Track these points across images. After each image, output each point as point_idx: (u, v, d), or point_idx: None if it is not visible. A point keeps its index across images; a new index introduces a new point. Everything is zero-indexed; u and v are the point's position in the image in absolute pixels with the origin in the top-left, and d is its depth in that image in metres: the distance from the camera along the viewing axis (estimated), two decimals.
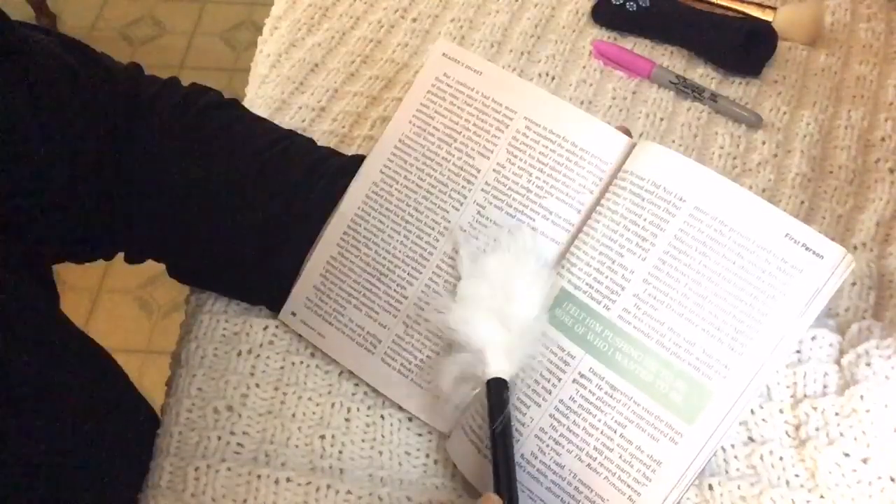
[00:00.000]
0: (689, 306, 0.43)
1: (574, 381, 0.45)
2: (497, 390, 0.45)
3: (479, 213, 0.49)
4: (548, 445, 0.45)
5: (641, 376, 0.43)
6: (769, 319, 0.42)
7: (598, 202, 0.47)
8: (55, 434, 0.43)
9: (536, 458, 0.45)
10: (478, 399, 0.47)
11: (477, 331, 0.45)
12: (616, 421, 0.44)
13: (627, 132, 0.49)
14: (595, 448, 0.44)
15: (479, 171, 0.50)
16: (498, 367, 0.45)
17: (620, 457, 0.43)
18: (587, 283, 0.46)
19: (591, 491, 0.44)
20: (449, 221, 0.50)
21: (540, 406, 0.46)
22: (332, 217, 0.53)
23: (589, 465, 0.44)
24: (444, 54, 0.52)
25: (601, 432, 0.44)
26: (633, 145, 0.47)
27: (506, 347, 0.45)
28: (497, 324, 0.45)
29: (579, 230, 0.47)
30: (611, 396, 0.44)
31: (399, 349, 0.51)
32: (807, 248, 0.42)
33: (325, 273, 0.52)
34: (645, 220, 0.45)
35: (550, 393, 0.45)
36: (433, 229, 0.50)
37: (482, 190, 0.50)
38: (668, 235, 0.44)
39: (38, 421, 0.42)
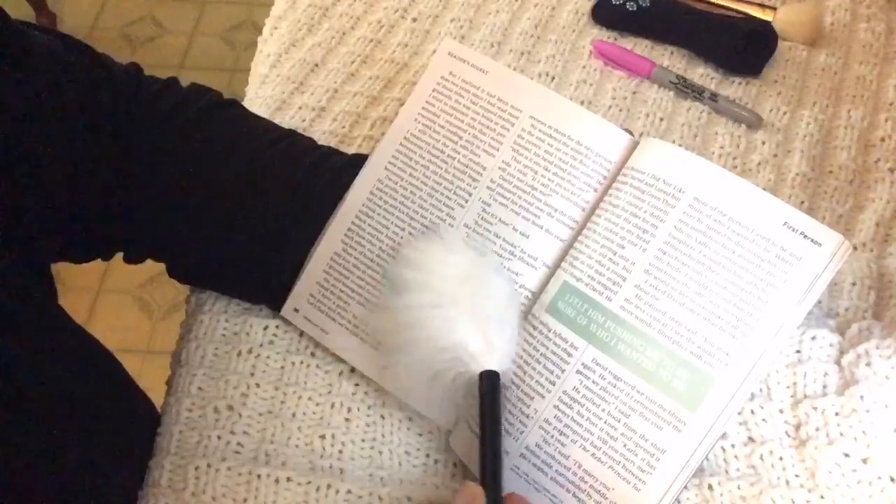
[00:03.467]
0: (689, 295, 0.43)
1: (577, 371, 0.45)
2: (489, 383, 0.45)
3: (483, 210, 0.50)
4: (552, 436, 0.45)
5: (644, 365, 0.44)
6: (769, 307, 0.42)
7: (601, 199, 0.48)
8: (55, 430, 0.43)
9: (541, 448, 0.46)
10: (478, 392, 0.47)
11: (455, 330, 0.45)
12: (620, 410, 0.44)
13: (629, 133, 0.49)
14: (599, 437, 0.44)
15: (484, 168, 0.50)
16: (484, 361, 0.45)
17: (625, 446, 0.44)
18: (589, 276, 0.46)
19: (596, 480, 0.44)
20: (454, 219, 0.50)
21: (544, 397, 0.46)
22: (337, 213, 0.53)
23: (593, 454, 0.44)
24: (449, 53, 0.52)
25: (605, 422, 0.44)
26: (636, 143, 0.48)
27: (485, 342, 0.45)
28: (469, 321, 0.45)
29: (583, 227, 0.48)
30: (614, 386, 0.44)
31: None
32: (805, 236, 0.42)
33: (329, 269, 0.53)
34: (645, 212, 0.45)
35: (554, 384, 0.46)
36: (437, 226, 0.50)
37: (487, 188, 0.50)
38: (667, 226, 0.44)
39: (37, 417, 0.42)
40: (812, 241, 0.42)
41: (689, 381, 0.43)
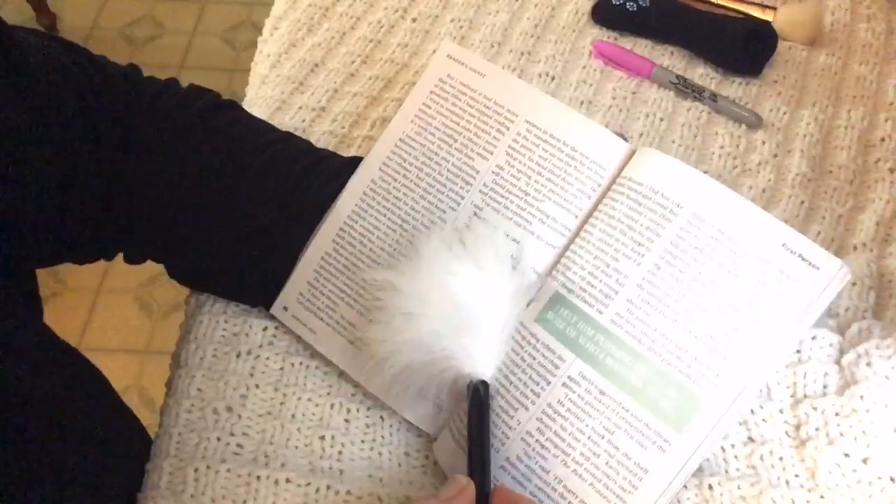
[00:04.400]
0: (682, 313, 0.43)
1: (563, 384, 0.44)
2: (478, 391, 0.45)
3: (475, 214, 0.49)
4: (533, 449, 0.45)
5: (632, 382, 0.43)
6: (762, 329, 0.41)
7: (595, 208, 0.47)
8: (45, 448, 0.43)
9: (521, 461, 0.45)
10: (465, 401, 0.46)
11: (449, 338, 0.45)
12: (604, 427, 0.43)
13: (623, 137, 0.49)
14: (581, 454, 0.44)
15: (477, 172, 0.50)
16: (477, 369, 0.45)
17: (607, 463, 0.43)
18: (581, 287, 0.45)
19: (576, 497, 0.43)
20: (445, 222, 0.50)
21: (528, 409, 0.45)
22: (329, 213, 0.53)
23: (575, 470, 0.44)
24: (448, 56, 0.52)
25: (588, 438, 0.44)
26: (633, 152, 0.47)
27: (481, 350, 0.45)
28: (468, 328, 0.45)
29: (576, 235, 0.47)
30: (600, 401, 0.44)
31: None
32: (803, 259, 0.41)
33: (319, 269, 0.52)
34: (641, 224, 0.45)
35: (539, 396, 0.45)
36: (429, 229, 0.50)
37: (480, 191, 0.50)
38: (664, 241, 0.44)
39: (26, 435, 0.42)
40: (810, 263, 0.41)
41: (676, 401, 0.42)
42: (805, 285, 0.41)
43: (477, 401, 0.45)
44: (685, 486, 0.45)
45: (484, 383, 0.45)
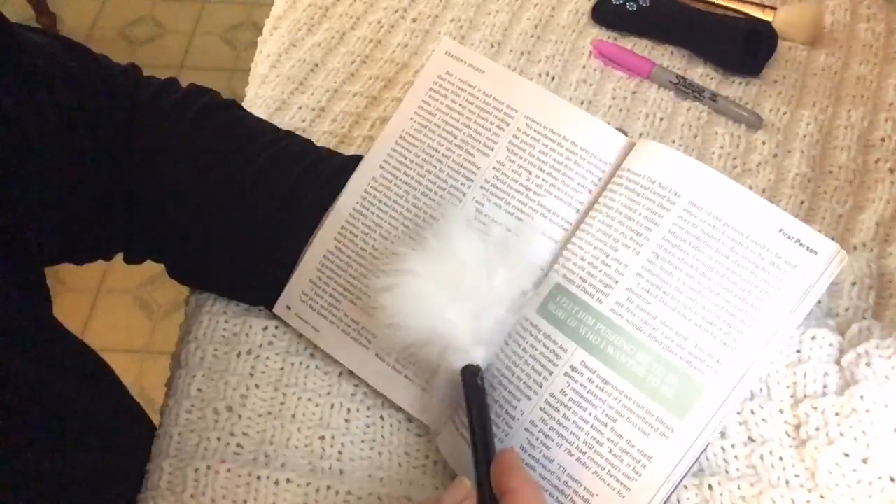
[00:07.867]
0: (681, 300, 0.43)
1: (565, 374, 0.45)
2: (471, 377, 0.44)
3: (477, 210, 0.50)
4: (537, 439, 0.45)
5: (633, 370, 0.43)
6: (762, 314, 0.42)
7: (595, 200, 0.47)
8: (52, 439, 0.43)
9: (526, 451, 0.45)
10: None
11: (441, 319, 0.44)
12: (607, 415, 0.44)
13: (623, 132, 0.49)
14: (585, 442, 0.44)
15: (478, 168, 0.50)
16: (469, 353, 0.44)
17: (611, 451, 0.43)
18: (581, 277, 0.46)
19: (581, 485, 0.44)
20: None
21: (531, 399, 0.45)
22: (331, 211, 0.53)
23: (579, 459, 0.44)
24: (447, 53, 0.52)
25: (592, 426, 0.44)
26: (632, 145, 0.47)
27: (474, 333, 0.44)
28: (462, 310, 0.44)
29: (577, 228, 0.48)
30: (602, 390, 0.44)
31: None
32: (800, 244, 0.42)
33: (322, 267, 0.52)
34: (640, 214, 0.45)
35: (541, 386, 0.45)
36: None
37: (481, 187, 0.50)
38: (662, 230, 0.44)
39: (34, 426, 0.42)
40: (808, 248, 0.41)
41: (678, 388, 0.42)
42: (803, 270, 0.41)
43: (471, 386, 0.44)
44: (685, 486, 0.45)
45: (475, 367, 0.45)
